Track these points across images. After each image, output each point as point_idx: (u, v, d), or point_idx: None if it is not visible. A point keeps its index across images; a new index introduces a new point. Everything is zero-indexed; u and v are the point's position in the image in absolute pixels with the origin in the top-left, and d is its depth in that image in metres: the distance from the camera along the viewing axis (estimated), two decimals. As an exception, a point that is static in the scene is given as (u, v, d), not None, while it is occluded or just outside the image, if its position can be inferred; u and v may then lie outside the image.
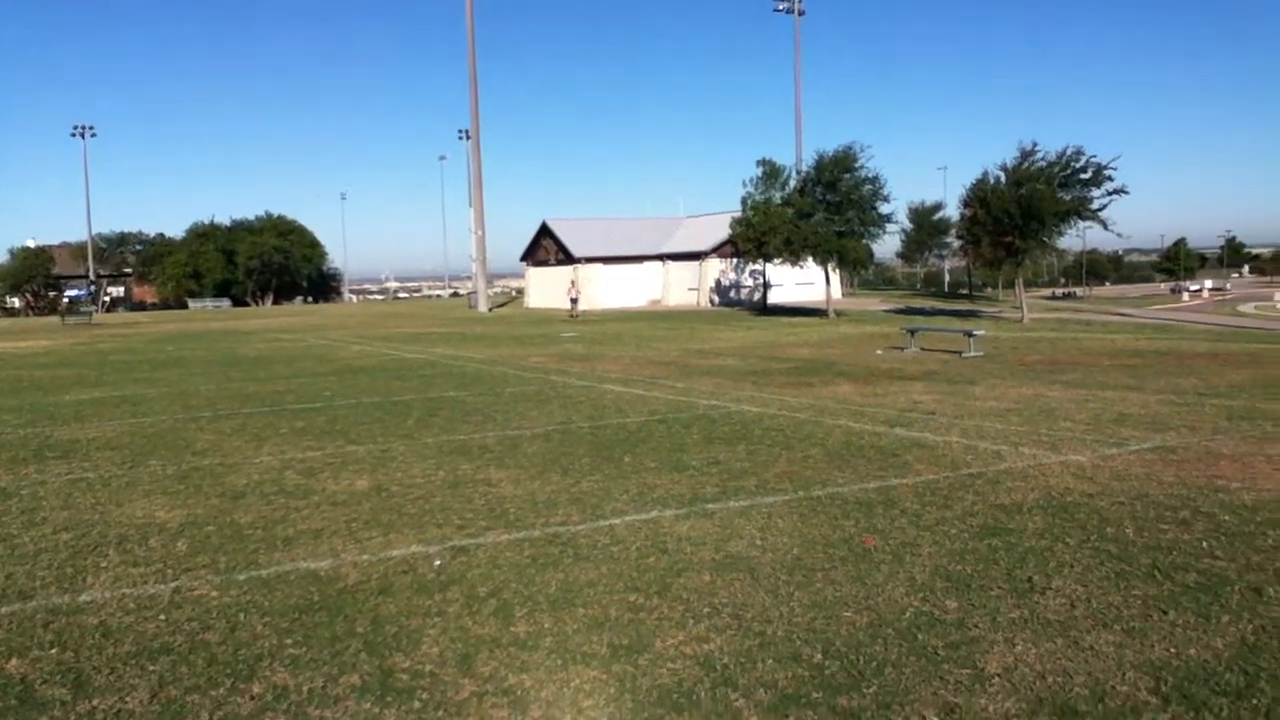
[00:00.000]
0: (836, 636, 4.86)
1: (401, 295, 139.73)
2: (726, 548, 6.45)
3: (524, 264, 71.39)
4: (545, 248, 66.91)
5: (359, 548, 6.71)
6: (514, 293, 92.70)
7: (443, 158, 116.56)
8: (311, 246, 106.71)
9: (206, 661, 4.82)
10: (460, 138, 78.62)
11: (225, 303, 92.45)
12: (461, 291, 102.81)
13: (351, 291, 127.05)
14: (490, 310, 60.91)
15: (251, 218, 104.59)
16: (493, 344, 29.58)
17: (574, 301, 50.54)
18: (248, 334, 38.79)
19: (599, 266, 62.60)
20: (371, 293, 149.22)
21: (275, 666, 4.74)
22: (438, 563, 6.29)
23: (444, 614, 5.35)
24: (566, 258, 63.28)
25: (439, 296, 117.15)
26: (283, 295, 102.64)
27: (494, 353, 25.74)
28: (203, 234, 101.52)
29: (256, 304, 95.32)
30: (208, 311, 77.63)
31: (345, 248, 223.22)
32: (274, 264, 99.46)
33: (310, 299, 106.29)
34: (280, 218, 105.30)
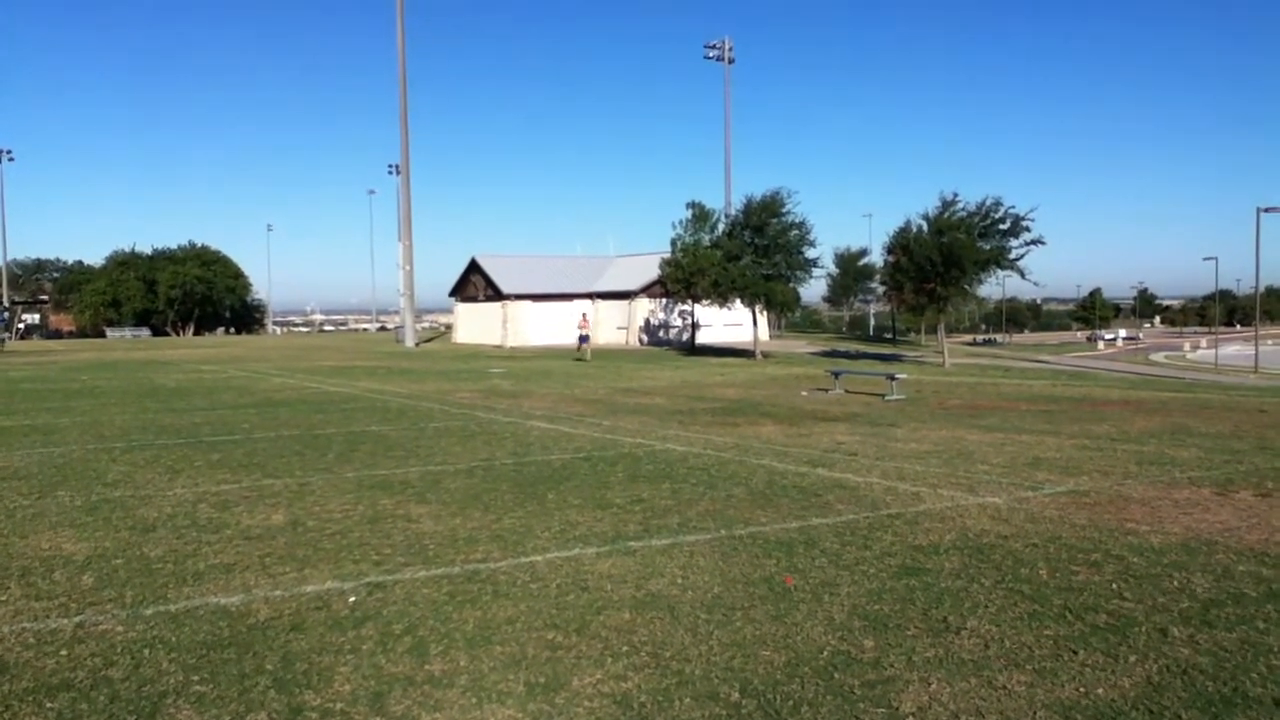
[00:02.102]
0: (754, 675, 4.86)
1: (327, 328, 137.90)
2: (647, 586, 6.42)
3: (453, 299, 70.97)
4: (474, 284, 66.61)
5: (272, 583, 6.55)
6: (442, 328, 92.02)
7: (372, 191, 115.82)
8: (235, 277, 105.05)
9: (108, 699, 4.65)
10: (390, 172, 78.29)
11: (145, 332, 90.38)
12: (389, 326, 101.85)
13: (276, 324, 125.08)
14: (417, 345, 60.36)
15: (174, 247, 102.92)
16: (418, 379, 29.28)
17: (584, 340, 42.97)
18: (166, 364, 37.91)
19: (528, 304, 62.48)
20: (296, 325, 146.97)
21: (180, 704, 4.58)
22: (353, 599, 6.16)
23: (357, 651, 5.24)
24: (496, 294, 63.06)
25: (366, 330, 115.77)
26: (204, 326, 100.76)
27: (419, 388, 25.48)
28: (123, 262, 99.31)
29: (177, 334, 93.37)
30: (126, 341, 75.68)
31: (270, 279, 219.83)
32: (196, 294, 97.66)
33: (233, 330, 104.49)
34: (204, 247, 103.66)
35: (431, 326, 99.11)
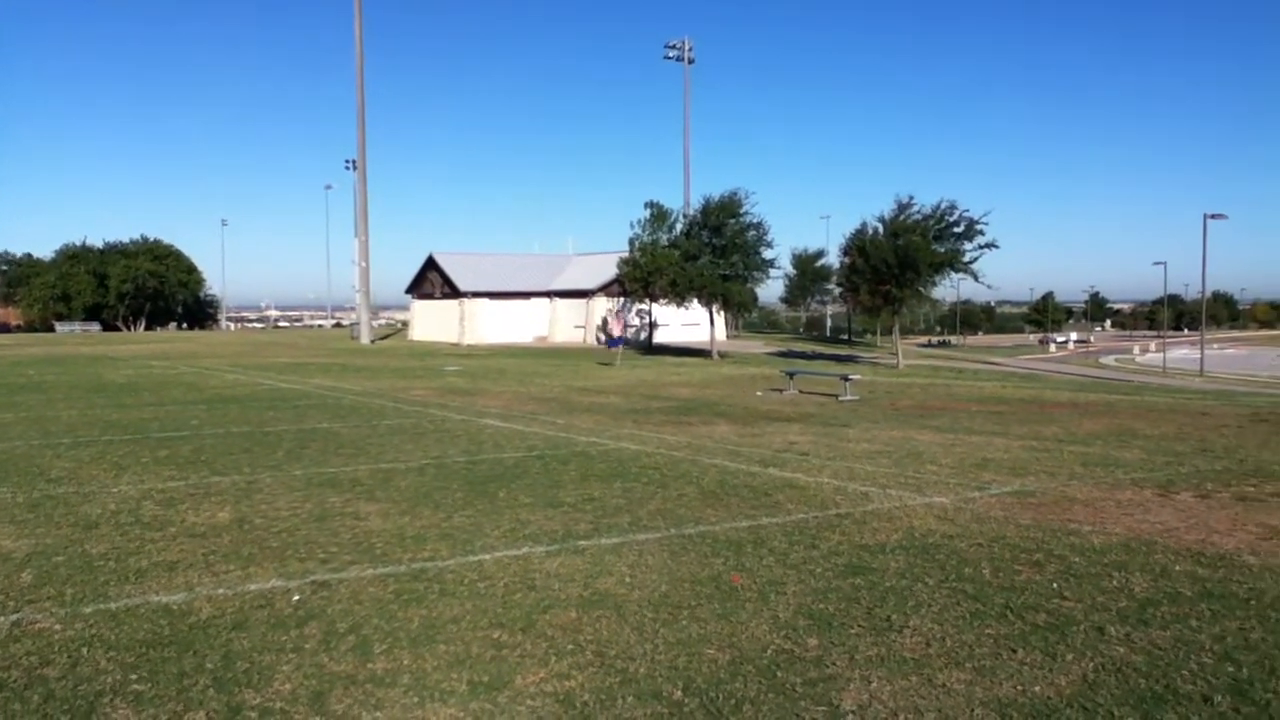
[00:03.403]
0: (698, 674, 4.88)
1: (282, 324, 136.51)
2: (595, 584, 6.42)
3: (410, 296, 70.51)
4: (431, 281, 66.23)
5: (215, 581, 6.48)
6: (399, 325, 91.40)
7: (329, 187, 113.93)
8: (188, 272, 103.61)
9: (43, 698, 4.58)
10: (347, 167, 77.37)
11: (95, 327, 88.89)
12: (344, 322, 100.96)
13: (229, 319, 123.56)
14: (373, 342, 59.92)
15: (126, 240, 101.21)
16: (373, 376, 29.07)
17: (615, 344, 39.14)
18: (116, 360, 37.33)
19: (485, 301, 62.24)
20: (251, 321, 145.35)
21: (116, 703, 4.52)
22: (297, 597, 6.11)
23: (300, 650, 5.20)
24: (453, 291, 62.75)
25: (321, 327, 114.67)
26: (156, 321, 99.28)
27: (373, 385, 25.30)
28: (73, 256, 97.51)
29: (128, 329, 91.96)
30: (76, 336, 74.46)
31: (224, 274, 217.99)
32: (148, 289, 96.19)
33: (185, 326, 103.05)
34: (156, 241, 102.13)
35: (388, 323, 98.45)
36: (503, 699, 4.58)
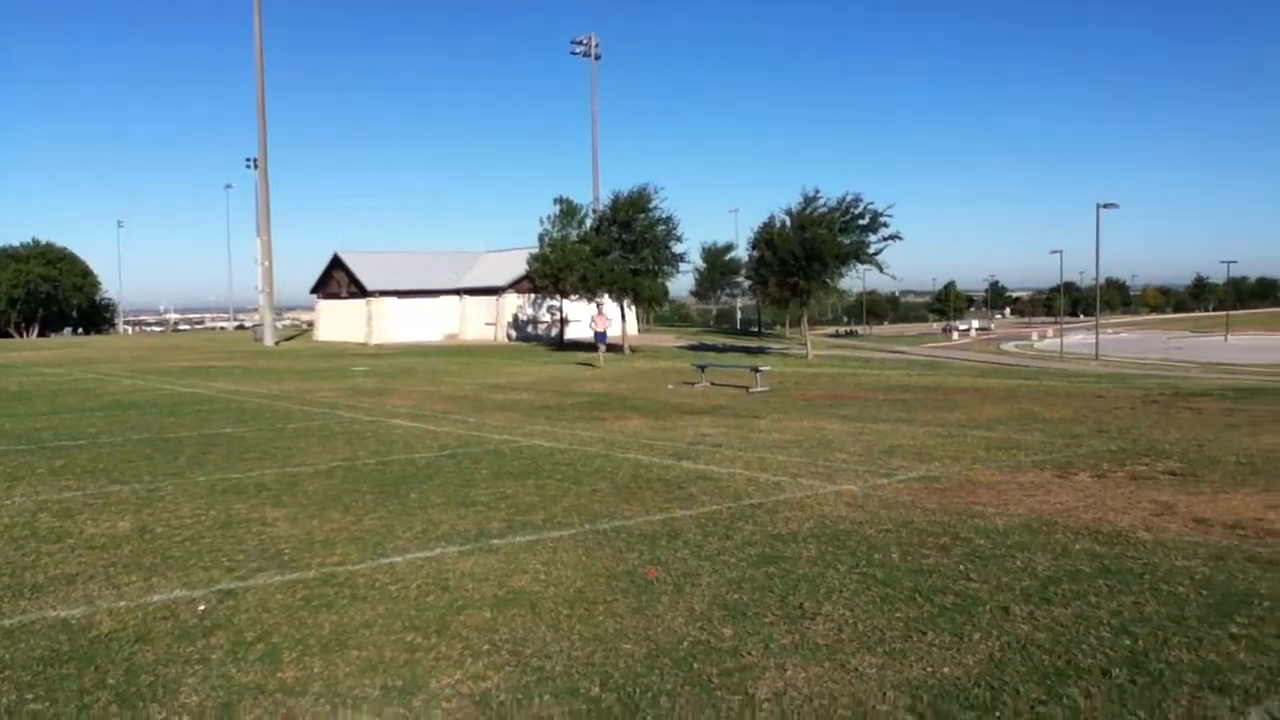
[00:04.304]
0: (615, 669, 4.88)
1: (182, 327, 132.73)
2: (509, 583, 6.38)
3: (314, 296, 69.22)
4: (337, 280, 65.09)
5: (116, 593, 6.27)
6: (304, 326, 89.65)
7: (229, 186, 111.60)
8: (83, 275, 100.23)
9: (-71, 724, 4.38)
10: (248, 166, 75.67)
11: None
12: (247, 324, 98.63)
13: (127, 323, 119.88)
14: (277, 344, 58.65)
15: (16, 244, 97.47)
16: (277, 378, 28.46)
17: (601, 339, 34.35)
18: (7, 367, 35.91)
19: (393, 300, 61.39)
20: (149, 324, 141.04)
21: (10, 726, 4.35)
22: (202, 607, 5.95)
23: (206, 661, 5.06)
24: (359, 290, 61.76)
25: (223, 329, 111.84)
26: (50, 326, 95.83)
27: (278, 387, 24.77)
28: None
29: (20, 335, 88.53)
30: (-41, 342, 71.40)
31: (121, 277, 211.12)
32: (40, 293, 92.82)
33: (81, 330, 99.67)
34: (49, 245, 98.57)
35: (292, 324, 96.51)
36: (417, 703, 4.52)
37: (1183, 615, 5.51)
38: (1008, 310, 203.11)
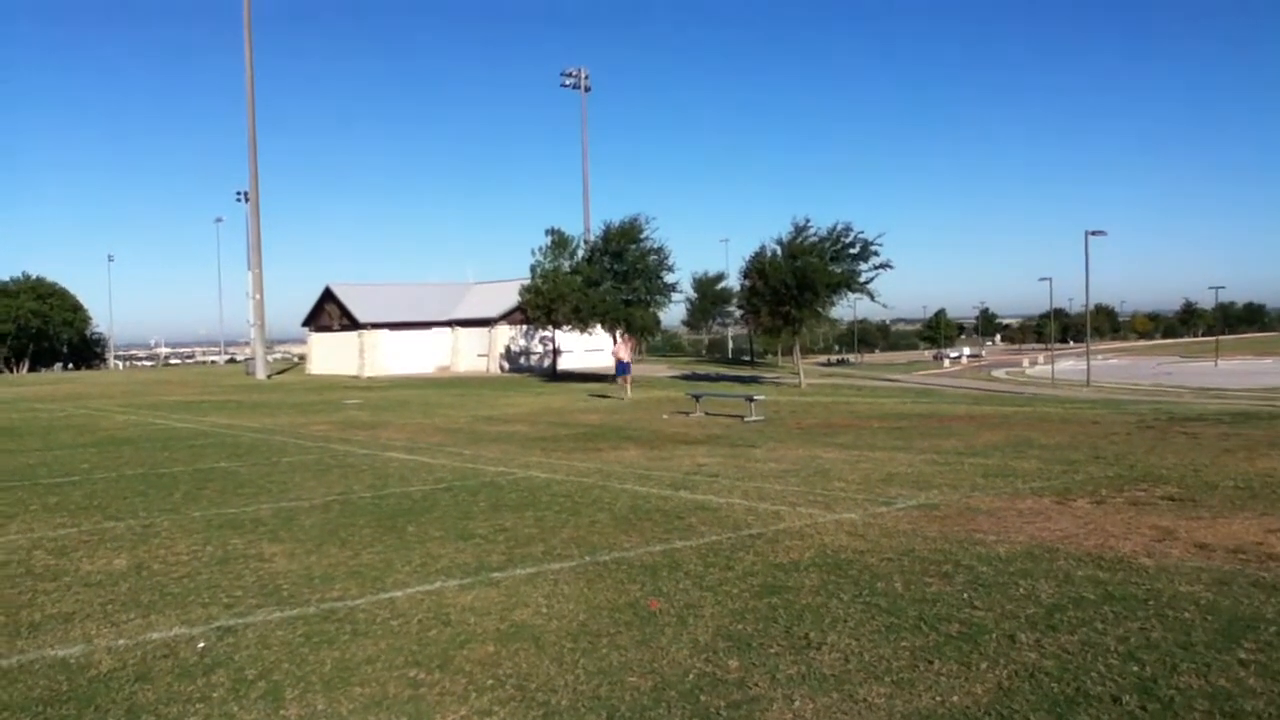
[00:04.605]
0: (621, 702, 4.83)
1: (173, 361, 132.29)
2: (511, 617, 6.34)
3: (306, 329, 69.16)
4: (329, 313, 65.07)
5: (115, 631, 6.21)
6: (295, 359, 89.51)
7: (219, 219, 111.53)
8: (73, 310, 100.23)
9: (-73, 767, 4.32)
10: (239, 199, 75.83)
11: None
12: (239, 358, 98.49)
13: (118, 358, 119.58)
14: (269, 377, 58.55)
15: (6, 279, 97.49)
16: (271, 412, 28.37)
17: (623, 370, 31.92)
18: (-5, 403, 35.74)
19: (385, 332, 61.36)
20: (140, 359, 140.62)
21: (10, 768, 4.29)
22: (202, 645, 5.89)
23: (208, 699, 5.00)
24: (351, 323, 61.74)
25: (214, 363, 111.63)
26: (41, 362, 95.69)
27: (272, 421, 24.68)
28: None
29: (11, 371, 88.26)
30: (-51, 379, 71.07)
31: (111, 312, 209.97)
32: (31, 329, 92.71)
33: (71, 366, 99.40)
34: (39, 280, 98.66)
35: (284, 357, 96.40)
36: (423, 739, 4.48)
37: (1190, 641, 5.49)
38: (998, 337, 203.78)
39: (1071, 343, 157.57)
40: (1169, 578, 6.86)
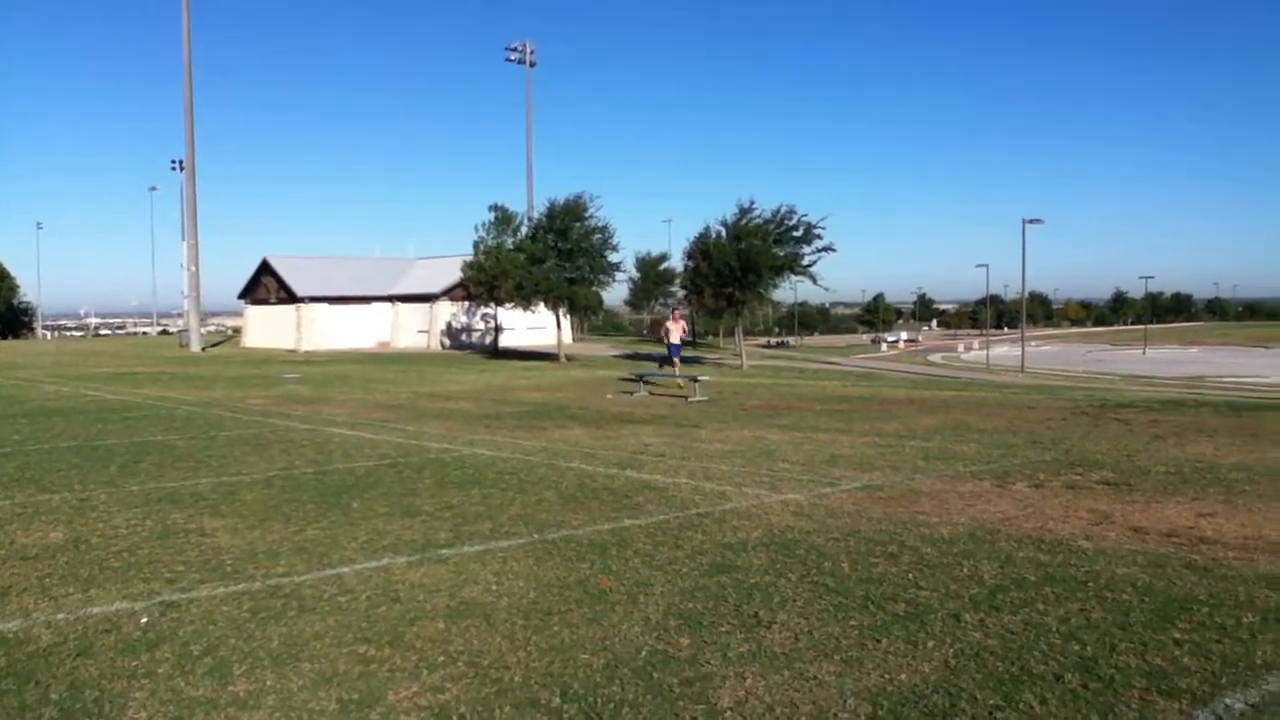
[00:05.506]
0: (574, 679, 4.84)
1: (104, 332, 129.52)
2: (461, 594, 6.31)
3: (243, 302, 68.03)
4: (266, 286, 64.06)
5: (54, 606, 6.08)
6: (230, 332, 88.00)
7: (154, 188, 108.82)
8: (0, 278, 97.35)
9: None
10: (174, 167, 74.22)
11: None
12: (172, 330, 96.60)
13: (46, 328, 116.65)
14: (204, 349, 57.52)
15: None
16: (207, 385, 27.89)
17: (674, 352, 27.04)
18: (-83, 372, 34.68)
19: (324, 306, 60.57)
20: (70, 329, 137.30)
21: (-52, 745, 4.19)
22: (145, 620, 5.78)
23: (153, 675, 4.92)
24: (289, 296, 60.84)
25: (146, 334, 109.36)
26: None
27: (208, 394, 24.26)
28: None
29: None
30: None
31: (40, 281, 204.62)
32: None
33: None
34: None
35: (218, 330, 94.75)
36: (375, 716, 4.45)
37: (1128, 621, 5.63)
38: (934, 322, 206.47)
39: (1006, 329, 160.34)
40: (1107, 560, 7.03)
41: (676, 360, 26.92)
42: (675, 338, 27.30)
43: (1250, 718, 4.35)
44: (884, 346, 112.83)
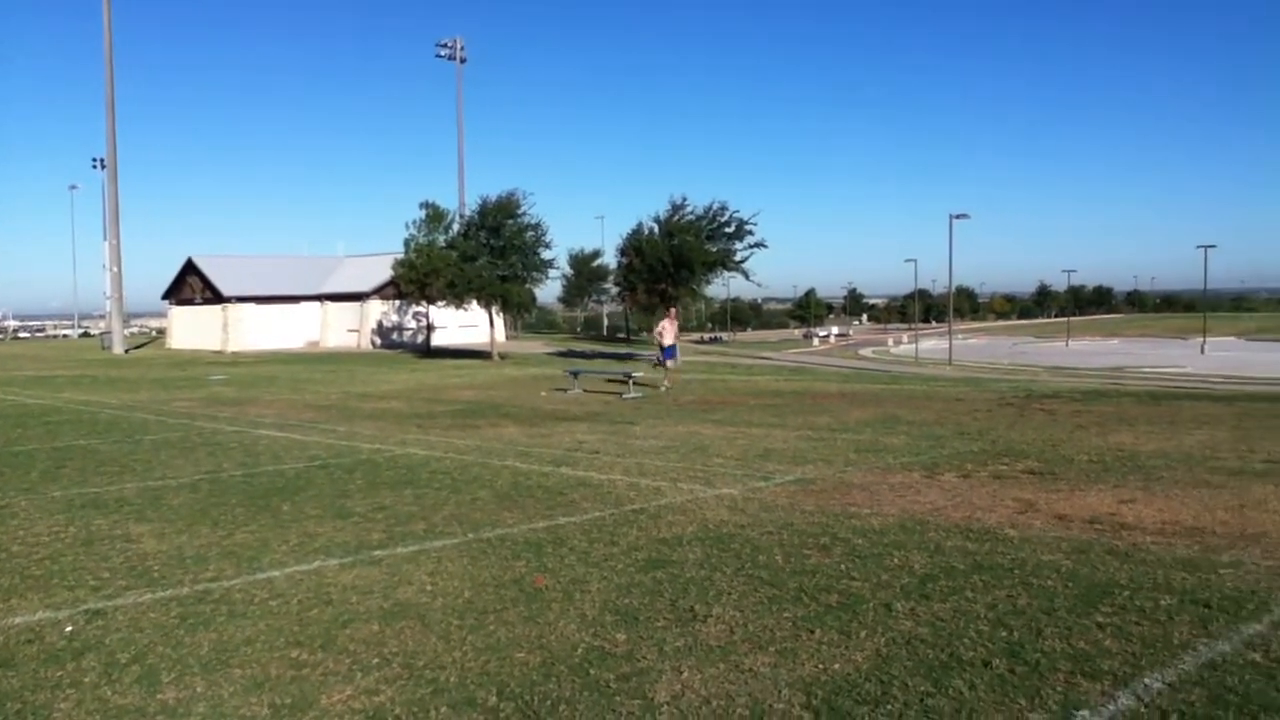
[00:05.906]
0: (510, 678, 4.84)
1: (22, 335, 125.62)
2: (395, 595, 6.26)
3: (167, 303, 66.59)
4: (191, 285, 62.79)
5: (-30, 618, 5.91)
6: (154, 333, 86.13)
7: (74, 187, 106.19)
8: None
9: None
10: (95, 166, 72.39)
11: None
12: (94, 331, 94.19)
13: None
14: (127, 351, 56.21)
15: None
16: (130, 388, 27.26)
17: (669, 354, 26.71)
18: None
19: (251, 306, 59.53)
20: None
21: None
22: (69, 629, 5.65)
23: (78, 685, 4.81)
24: (215, 296, 59.71)
25: (68, 337, 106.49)
26: None
27: (132, 397, 23.72)
28: None
29: None
30: None
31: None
32: None
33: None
34: None
35: (142, 331, 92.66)
36: (309, 720, 4.40)
37: (1053, 607, 5.77)
38: (865, 317, 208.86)
39: (934, 322, 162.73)
40: (1032, 547, 7.19)
41: (668, 363, 26.65)
42: (669, 339, 26.79)
43: (1168, 696, 4.49)
44: (816, 341, 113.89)
